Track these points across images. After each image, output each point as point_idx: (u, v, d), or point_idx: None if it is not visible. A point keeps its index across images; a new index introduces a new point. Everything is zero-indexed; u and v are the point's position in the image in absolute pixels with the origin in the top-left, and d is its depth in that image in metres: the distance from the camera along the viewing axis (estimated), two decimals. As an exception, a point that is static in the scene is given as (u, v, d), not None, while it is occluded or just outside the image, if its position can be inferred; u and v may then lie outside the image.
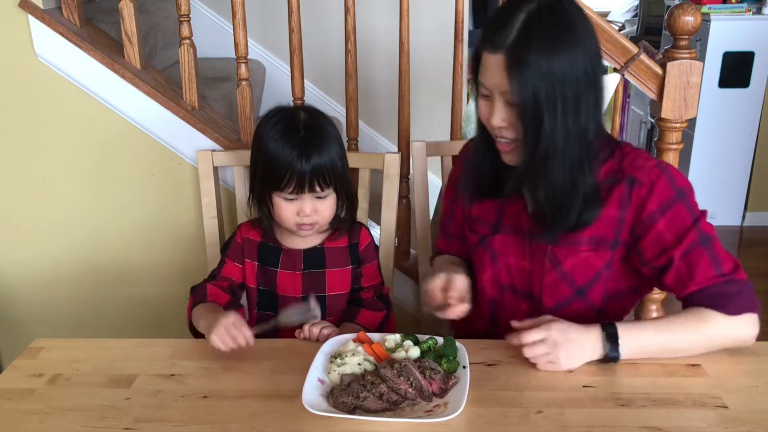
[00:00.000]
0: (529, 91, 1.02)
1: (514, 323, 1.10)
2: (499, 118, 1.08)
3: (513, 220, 1.22)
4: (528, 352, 1.07)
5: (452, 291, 1.14)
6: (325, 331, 1.21)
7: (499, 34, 1.03)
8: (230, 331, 1.12)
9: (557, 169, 1.07)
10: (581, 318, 1.10)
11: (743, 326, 1.08)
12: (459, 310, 1.13)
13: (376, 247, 1.46)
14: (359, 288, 1.40)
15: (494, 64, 1.04)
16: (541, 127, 1.04)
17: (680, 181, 1.12)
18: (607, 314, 1.20)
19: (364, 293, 1.40)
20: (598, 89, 1.07)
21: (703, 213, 1.12)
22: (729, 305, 1.06)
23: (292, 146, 1.23)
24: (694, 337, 1.08)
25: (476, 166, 1.22)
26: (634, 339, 1.08)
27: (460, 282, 1.16)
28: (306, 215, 1.27)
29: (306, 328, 1.22)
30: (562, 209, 1.11)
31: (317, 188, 1.25)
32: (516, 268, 1.23)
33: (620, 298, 1.22)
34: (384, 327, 1.39)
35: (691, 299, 1.10)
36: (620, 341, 1.07)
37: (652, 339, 1.08)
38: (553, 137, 1.05)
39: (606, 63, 1.53)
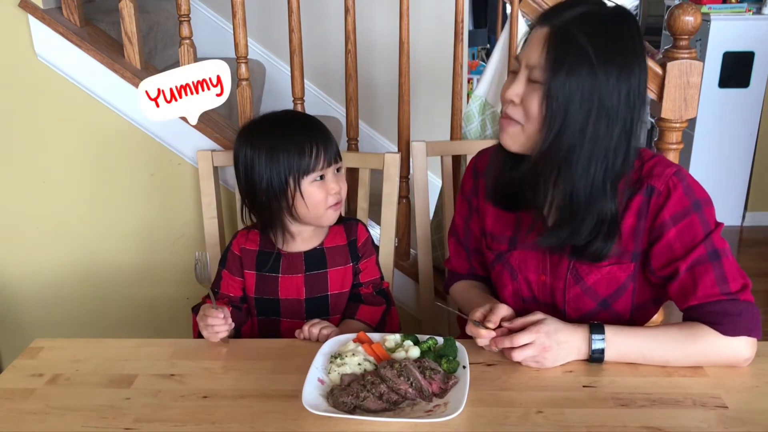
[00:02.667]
0: (562, 71, 0.99)
1: (506, 324, 1.09)
2: (515, 92, 1.06)
3: (531, 236, 1.17)
4: (517, 357, 1.06)
5: (492, 316, 1.10)
6: (325, 332, 1.21)
7: (554, 14, 1.03)
8: (206, 327, 1.20)
9: (583, 169, 1.04)
10: None
11: (737, 348, 1.05)
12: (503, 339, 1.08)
13: (375, 245, 1.46)
14: (358, 284, 1.40)
15: (537, 36, 1.04)
16: (565, 118, 1.01)
17: (698, 193, 1.09)
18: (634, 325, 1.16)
19: (363, 289, 1.40)
20: (635, 111, 1.03)
21: (718, 227, 1.09)
22: (726, 324, 1.04)
23: (303, 126, 1.31)
24: (683, 351, 1.06)
25: (494, 176, 1.19)
26: (620, 343, 1.07)
27: (504, 310, 1.11)
28: (336, 192, 1.30)
29: (306, 328, 1.22)
30: (575, 217, 1.07)
31: (338, 158, 1.31)
32: (536, 283, 1.21)
33: (646, 309, 1.21)
34: (386, 321, 1.39)
35: (690, 313, 1.09)
36: (606, 344, 1.07)
37: (638, 346, 1.07)
38: (582, 136, 1.02)
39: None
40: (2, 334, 2.00)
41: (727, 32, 3.38)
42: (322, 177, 1.29)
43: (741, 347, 1.05)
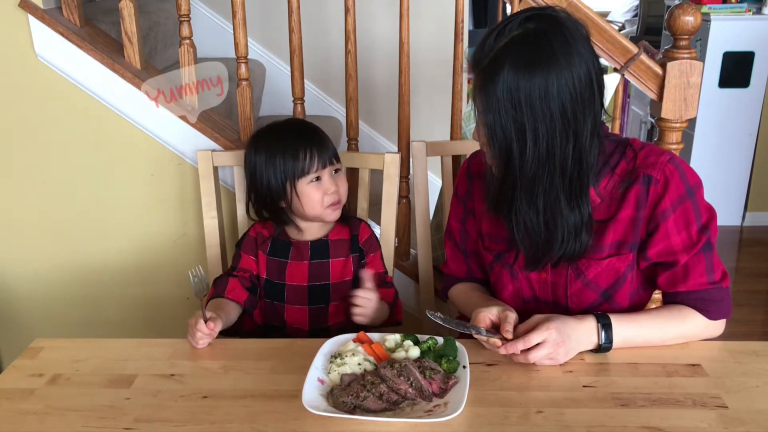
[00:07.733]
0: (495, 117, 1.02)
1: (508, 334, 1.08)
2: (477, 132, 1.11)
3: (517, 263, 1.19)
4: (533, 358, 1.06)
5: (507, 325, 1.10)
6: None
7: (479, 55, 1.04)
8: (192, 335, 1.19)
9: (527, 204, 1.07)
10: None
11: (717, 328, 1.17)
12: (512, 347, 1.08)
13: (378, 242, 1.51)
14: None
15: (474, 81, 1.07)
16: (509, 157, 1.05)
17: (691, 178, 1.13)
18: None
19: None
20: (579, 124, 1.02)
21: (713, 215, 1.13)
22: (712, 311, 1.15)
23: (299, 132, 1.41)
24: (675, 332, 1.15)
25: (486, 180, 1.20)
26: (626, 330, 1.12)
27: (514, 316, 1.12)
28: (332, 192, 1.39)
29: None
30: (538, 246, 1.11)
31: (334, 160, 1.40)
32: (537, 281, 1.21)
33: (639, 295, 1.23)
34: (396, 305, 1.46)
35: (676, 297, 1.16)
36: (614, 331, 1.10)
37: (640, 330, 1.13)
38: (521, 170, 1.04)
39: (606, 63, 1.53)
40: (2, 334, 2.00)
41: (727, 32, 3.37)
42: (318, 178, 1.38)
43: (719, 327, 1.18)
